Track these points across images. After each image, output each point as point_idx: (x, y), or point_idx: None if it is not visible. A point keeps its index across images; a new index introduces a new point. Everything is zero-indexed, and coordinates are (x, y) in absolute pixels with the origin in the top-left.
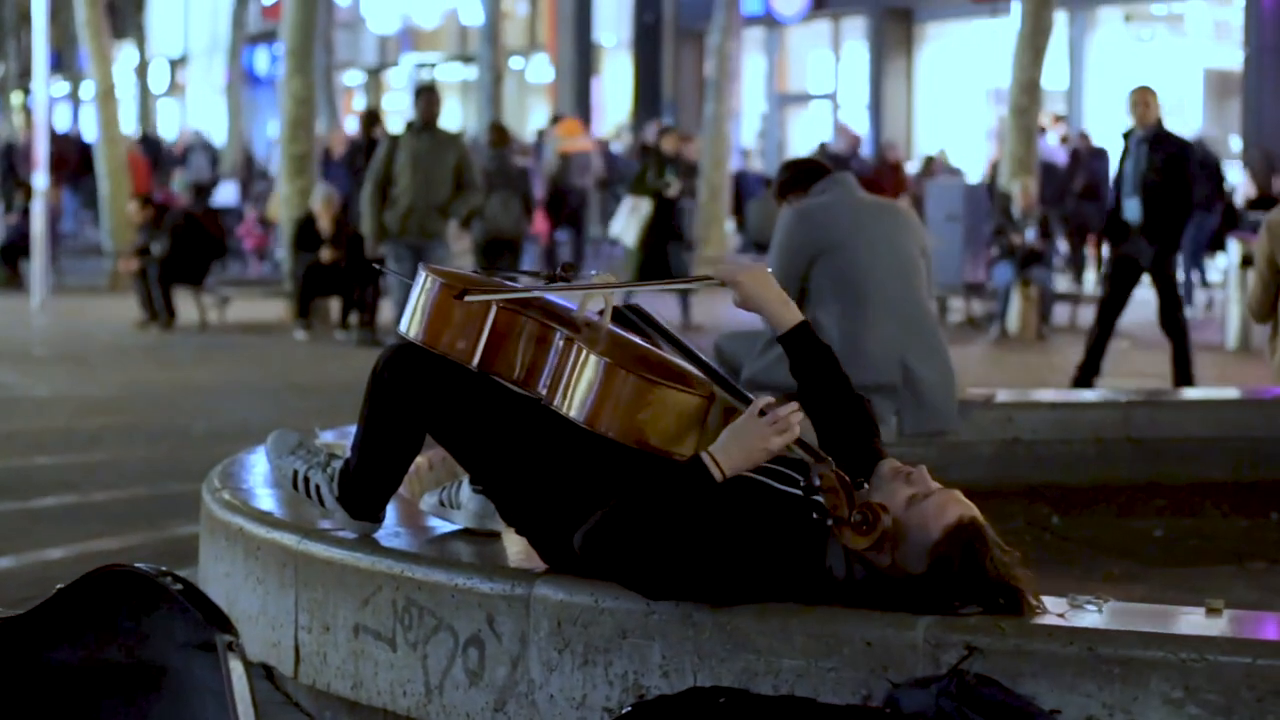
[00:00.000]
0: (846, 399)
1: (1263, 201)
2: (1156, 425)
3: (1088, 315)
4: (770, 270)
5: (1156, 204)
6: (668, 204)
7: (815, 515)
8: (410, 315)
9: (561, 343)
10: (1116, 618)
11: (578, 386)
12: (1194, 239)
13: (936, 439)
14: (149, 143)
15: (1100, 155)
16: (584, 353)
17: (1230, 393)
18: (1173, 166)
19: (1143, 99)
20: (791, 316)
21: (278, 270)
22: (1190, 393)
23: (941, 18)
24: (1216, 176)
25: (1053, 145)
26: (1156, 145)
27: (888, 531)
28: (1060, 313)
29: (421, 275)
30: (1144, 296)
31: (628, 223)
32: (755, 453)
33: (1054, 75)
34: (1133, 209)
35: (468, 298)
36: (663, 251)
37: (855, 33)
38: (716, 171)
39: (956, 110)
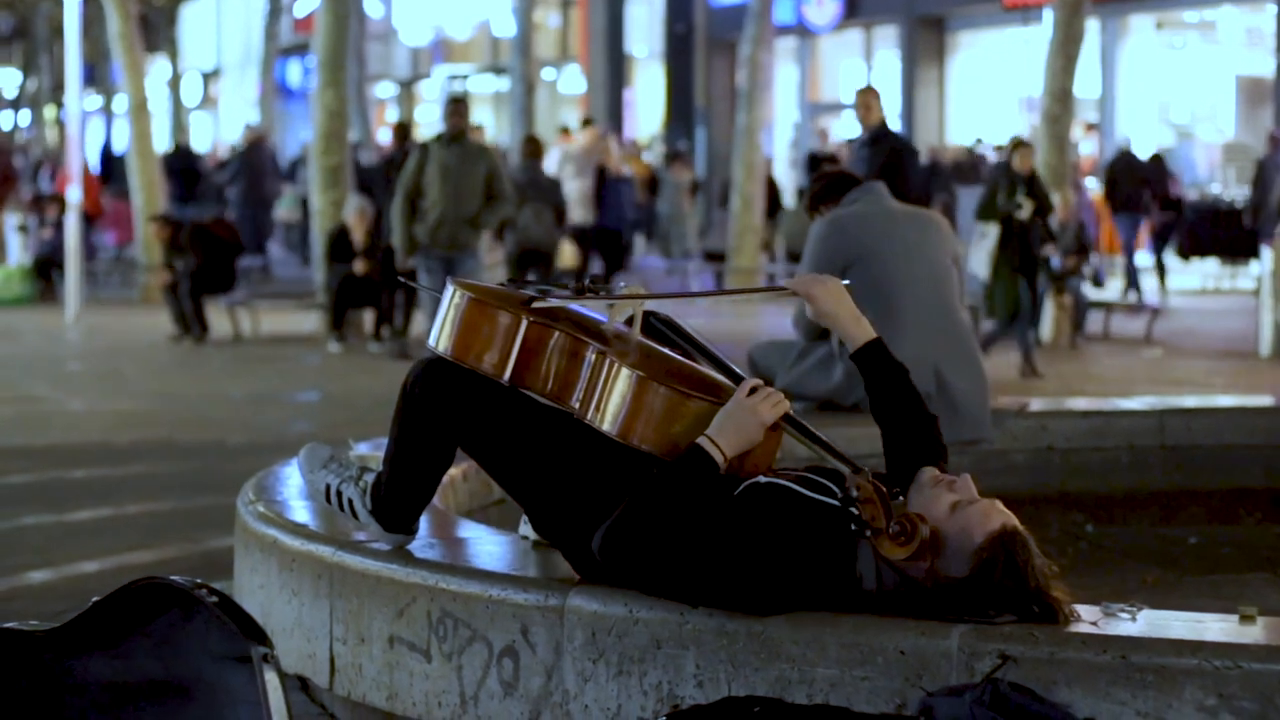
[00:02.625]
0: (918, 418)
1: (1164, 205)
2: (1190, 433)
3: (1120, 324)
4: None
5: None
6: (1019, 228)
7: (853, 526)
8: (439, 330)
9: (593, 356)
10: (1150, 626)
11: (610, 400)
12: (1126, 238)
13: (971, 448)
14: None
15: None
16: (615, 366)
17: (1264, 400)
18: (891, 168)
19: (864, 101)
20: (864, 333)
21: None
22: (1224, 400)
23: (973, 26)
24: (1157, 179)
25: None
26: (877, 147)
27: (925, 541)
28: (1093, 321)
29: (449, 289)
30: (1179, 304)
31: (977, 253)
32: (750, 429)
33: (1086, 83)
34: None
35: (535, 304)
36: (1015, 283)
37: (887, 41)
38: (750, 181)
39: (989, 118)
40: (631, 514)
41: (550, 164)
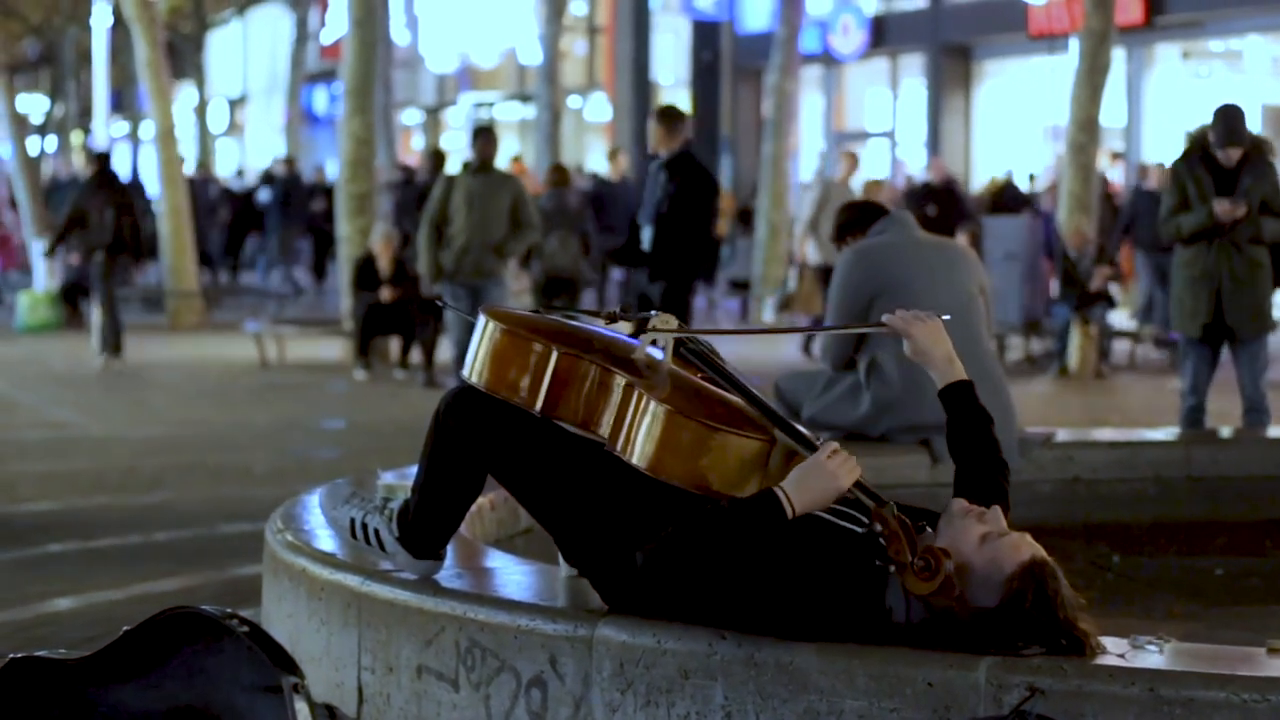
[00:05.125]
0: (989, 464)
1: None
2: (1217, 464)
3: (1147, 353)
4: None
5: (666, 234)
6: None
7: (878, 561)
8: (472, 360)
9: (623, 388)
10: (1178, 658)
11: (639, 433)
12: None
13: None
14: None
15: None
16: (644, 399)
17: None
18: (685, 195)
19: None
20: (955, 373)
21: None
22: (1250, 431)
23: (999, 55)
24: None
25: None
26: (673, 172)
27: (950, 576)
28: (1119, 351)
29: (482, 320)
30: None
31: None
32: (826, 492)
33: (1112, 112)
34: (648, 239)
35: (565, 350)
36: None
37: (913, 70)
38: (776, 210)
39: (1015, 147)
40: (686, 539)
41: (802, 203)
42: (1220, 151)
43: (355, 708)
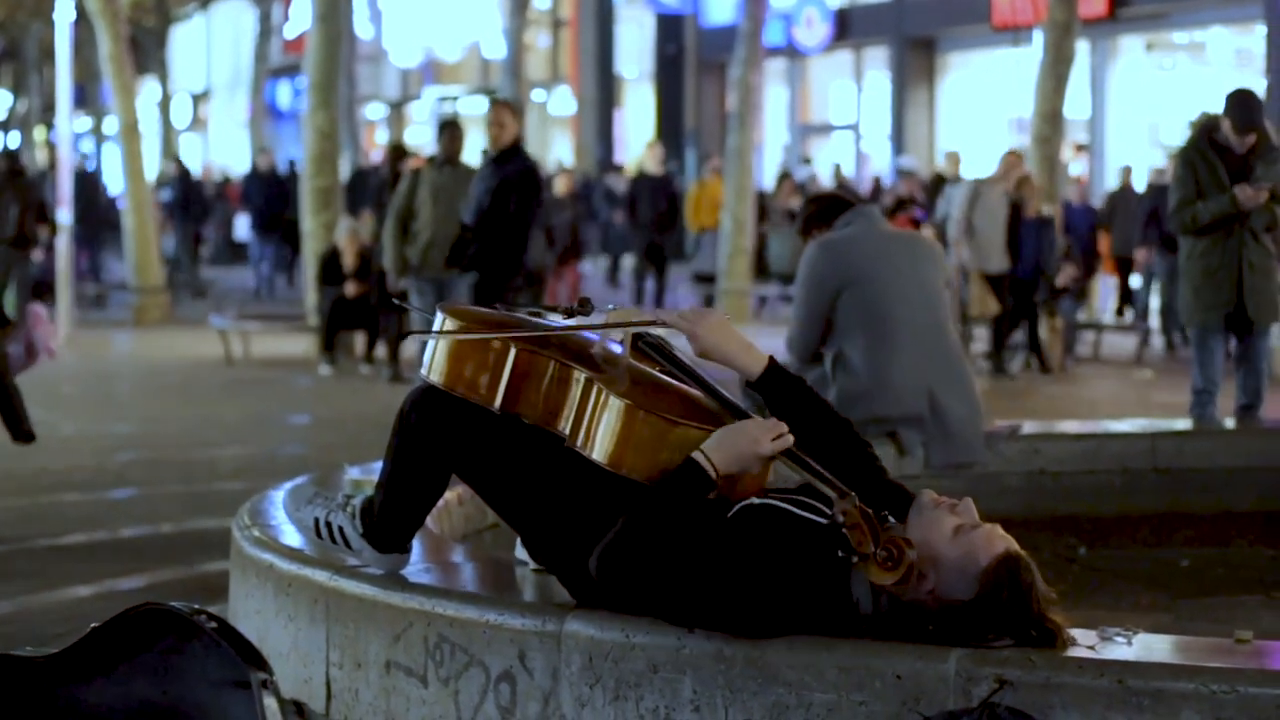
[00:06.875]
0: (833, 425)
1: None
2: (1183, 456)
3: (1111, 346)
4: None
5: (483, 226)
6: None
7: (840, 552)
8: (430, 358)
9: (582, 384)
10: (1146, 649)
11: (599, 429)
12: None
13: (963, 470)
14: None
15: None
16: (604, 394)
17: (1256, 423)
18: (505, 190)
19: (496, 118)
20: (757, 362)
21: None
22: (1215, 423)
23: (963, 47)
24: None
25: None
26: (499, 167)
27: (914, 565)
28: (1083, 343)
29: (439, 317)
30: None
31: None
32: (746, 454)
33: (1076, 104)
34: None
35: (520, 335)
36: None
37: (877, 63)
38: (740, 203)
39: (979, 140)
40: (628, 532)
41: (952, 203)
42: (1237, 137)
43: (324, 704)
